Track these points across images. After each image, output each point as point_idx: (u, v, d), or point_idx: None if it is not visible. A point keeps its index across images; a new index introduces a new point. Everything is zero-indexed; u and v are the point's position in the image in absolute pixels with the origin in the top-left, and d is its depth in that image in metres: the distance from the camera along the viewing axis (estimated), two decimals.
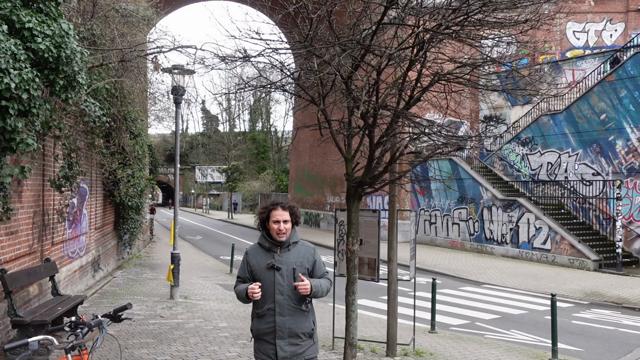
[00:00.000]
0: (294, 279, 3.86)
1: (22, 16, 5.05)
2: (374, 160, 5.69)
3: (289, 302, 3.88)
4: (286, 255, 3.95)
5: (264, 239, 4.02)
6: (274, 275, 3.88)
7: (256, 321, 3.97)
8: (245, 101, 70.11)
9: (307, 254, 4.01)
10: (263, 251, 4.00)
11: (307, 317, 3.97)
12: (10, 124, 5.23)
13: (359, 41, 4.87)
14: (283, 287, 3.87)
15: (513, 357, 8.16)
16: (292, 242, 4.00)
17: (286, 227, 3.95)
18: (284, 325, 3.86)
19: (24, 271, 7.46)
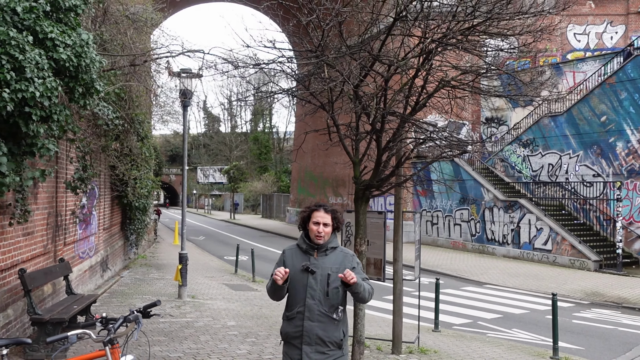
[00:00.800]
0: (327, 285, 3.75)
1: (45, 27, 5.28)
2: (381, 164, 5.91)
3: (320, 307, 3.76)
4: (322, 260, 3.83)
5: (302, 240, 3.93)
6: (307, 278, 3.79)
7: (285, 324, 3.89)
8: (247, 102, 70.30)
9: (345, 261, 3.86)
10: (300, 253, 3.90)
11: (337, 326, 3.82)
12: (32, 129, 5.45)
13: (369, 51, 5.09)
14: (315, 292, 3.76)
15: (515, 355, 8.38)
16: (330, 247, 3.87)
17: (325, 231, 3.84)
18: (312, 331, 3.75)
19: (41, 271, 7.69)
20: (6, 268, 6.84)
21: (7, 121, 5.20)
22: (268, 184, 59.47)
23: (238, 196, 63.21)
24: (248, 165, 69.04)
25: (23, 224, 6.88)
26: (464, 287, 15.86)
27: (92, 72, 5.81)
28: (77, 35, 5.68)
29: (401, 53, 5.63)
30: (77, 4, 5.69)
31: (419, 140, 6.14)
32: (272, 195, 54.47)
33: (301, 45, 5.60)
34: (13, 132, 5.47)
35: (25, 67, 4.86)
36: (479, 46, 5.46)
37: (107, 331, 3.65)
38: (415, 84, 6.00)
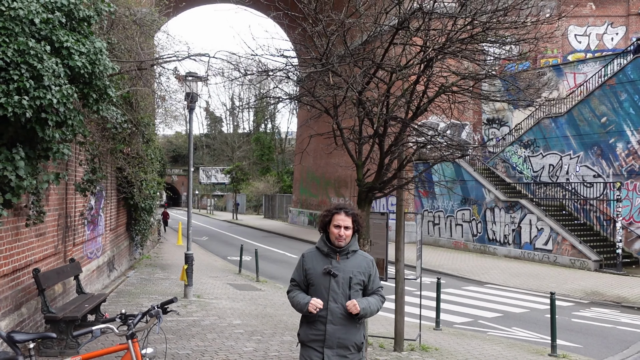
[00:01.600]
0: (349, 288, 3.78)
1: (61, 36, 5.49)
2: (383, 167, 6.12)
3: (342, 311, 3.76)
4: (344, 263, 3.84)
5: (322, 243, 3.92)
6: (330, 281, 3.79)
7: (305, 327, 3.86)
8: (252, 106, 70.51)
9: (364, 265, 3.88)
10: (321, 256, 3.90)
11: (358, 329, 3.84)
12: (48, 134, 5.67)
13: (372, 59, 5.30)
14: (337, 295, 3.77)
15: (514, 352, 8.58)
16: (351, 250, 3.89)
17: (346, 234, 3.84)
18: (334, 335, 3.75)
19: (54, 270, 7.91)
20: (20, 268, 7.06)
21: (24, 127, 5.42)
22: (270, 184, 59.70)
23: (240, 197, 63.45)
24: (250, 166, 69.29)
25: (37, 225, 7.09)
26: (465, 287, 16.06)
27: (105, 79, 6.03)
28: (90, 43, 5.90)
29: (403, 60, 5.84)
30: (90, 15, 5.91)
31: (419, 144, 6.35)
32: (274, 196, 54.68)
33: (306, 53, 5.82)
34: (29, 137, 5.69)
35: (44, 76, 5.08)
36: (479, 53, 5.66)
37: (127, 326, 3.87)
38: (417, 90, 6.21)
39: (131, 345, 3.80)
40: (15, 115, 5.00)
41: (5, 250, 6.51)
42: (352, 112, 6.57)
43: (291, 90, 7.72)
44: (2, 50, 4.82)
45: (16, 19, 4.94)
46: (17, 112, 4.97)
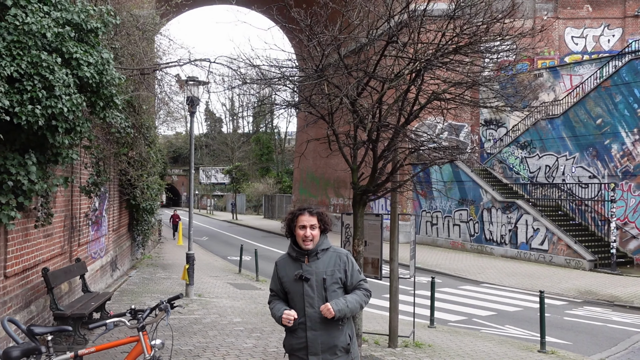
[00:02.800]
0: (324, 290, 3.65)
1: (70, 47, 5.79)
2: (377, 171, 6.43)
3: (321, 315, 3.61)
4: (315, 265, 3.69)
5: (291, 248, 3.80)
6: (303, 286, 3.66)
7: (288, 336, 3.76)
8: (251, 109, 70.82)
9: (338, 262, 3.74)
10: (291, 261, 3.77)
11: (341, 331, 3.69)
12: (58, 140, 5.98)
13: (365, 70, 5.61)
14: (313, 300, 3.64)
15: (505, 349, 8.89)
16: (320, 250, 3.74)
17: (313, 234, 3.69)
18: (317, 341, 3.62)
19: (62, 269, 8.22)
20: (30, 267, 7.37)
21: (35, 133, 5.72)
22: (270, 185, 60.01)
23: (240, 197, 63.74)
24: (250, 166, 69.59)
25: (45, 226, 7.40)
26: (461, 286, 16.35)
27: (111, 88, 6.33)
28: (97, 53, 6.21)
29: (395, 68, 6.14)
30: (98, 27, 6.21)
31: (411, 149, 6.65)
32: (274, 196, 54.98)
33: (304, 62, 6.12)
34: (40, 143, 6.00)
35: (55, 86, 5.38)
36: (466, 64, 5.97)
37: (137, 320, 4.18)
38: (408, 97, 6.51)
39: (142, 336, 4.12)
40: (29, 123, 5.30)
41: (16, 250, 6.82)
42: (348, 118, 6.87)
43: (290, 95, 8.02)
44: (17, 63, 5.13)
45: (29, 33, 5.24)
46: (31, 120, 5.28)
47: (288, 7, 5.55)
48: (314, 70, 5.72)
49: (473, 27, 5.46)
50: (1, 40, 5.09)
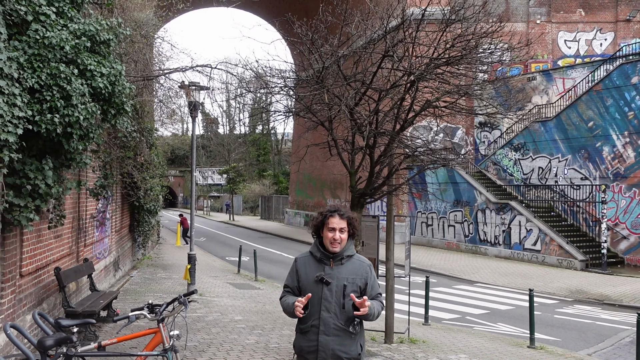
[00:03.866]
0: (343, 297, 3.57)
1: (85, 59, 6.14)
2: (374, 175, 6.80)
3: (336, 320, 3.56)
4: (338, 270, 3.63)
5: (316, 248, 3.71)
6: (322, 289, 3.58)
7: (299, 337, 3.69)
8: (247, 105, 71.13)
9: (361, 271, 3.67)
10: (314, 261, 3.69)
11: (354, 340, 3.62)
12: (73, 146, 6.32)
13: (362, 80, 5.98)
14: (330, 304, 3.56)
15: (496, 345, 9.28)
16: (346, 256, 3.67)
17: (342, 237, 3.63)
18: (328, 346, 3.54)
19: (72, 269, 8.56)
20: (42, 267, 7.71)
21: (52, 140, 6.06)
22: (266, 186, 60.32)
23: (237, 198, 63.99)
24: (247, 167, 69.86)
25: (56, 227, 7.74)
26: (455, 286, 16.75)
27: (122, 97, 6.68)
28: (109, 63, 6.56)
29: (391, 79, 6.52)
30: (110, 38, 6.56)
31: (406, 155, 7.02)
32: (270, 197, 55.31)
33: (305, 73, 6.48)
34: (55, 149, 6.33)
35: (72, 96, 5.73)
36: (457, 75, 6.35)
37: (155, 313, 4.54)
38: (404, 105, 6.89)
39: (161, 327, 4.48)
40: (48, 131, 5.64)
41: (30, 250, 7.16)
42: (346, 125, 7.24)
43: (290, 101, 8.39)
44: (37, 75, 5.47)
45: (49, 47, 5.58)
46: (49, 128, 5.62)
47: (291, 22, 5.90)
48: (315, 80, 6.09)
49: (463, 42, 5.84)
50: (23, 54, 5.44)
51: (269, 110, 7.54)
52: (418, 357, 7.98)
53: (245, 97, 12.61)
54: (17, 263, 6.70)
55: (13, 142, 4.94)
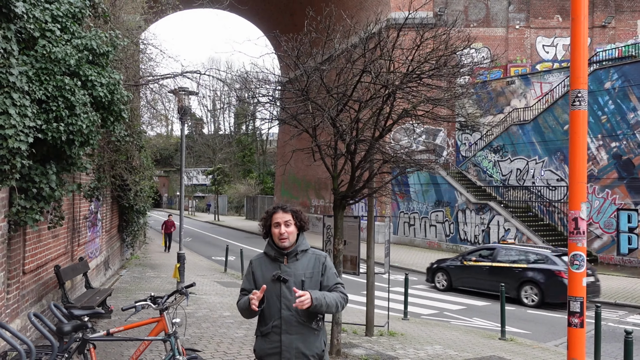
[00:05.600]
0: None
1: (86, 70, 6.60)
2: (355, 179, 7.35)
3: (297, 318, 3.48)
4: (294, 266, 3.57)
5: (269, 247, 3.66)
6: (280, 288, 3.51)
7: (260, 340, 3.60)
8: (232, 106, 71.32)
9: (317, 264, 3.63)
10: (269, 261, 3.63)
11: (317, 337, 3.56)
12: (74, 152, 6.78)
13: (344, 92, 6.52)
14: (290, 302, 3.46)
15: (469, 337, 9.89)
16: (300, 251, 3.62)
17: (288, 231, 3.57)
18: (291, 345, 3.47)
19: (69, 267, 8.99)
20: (41, 265, 8.14)
21: (55, 146, 6.52)
22: (251, 186, 60.67)
23: (222, 198, 64.26)
24: (232, 168, 70.12)
25: (57, 227, 8.17)
26: None
27: (120, 104, 7.16)
28: (108, 73, 7.02)
29: (371, 90, 7.08)
30: (109, 50, 7.02)
31: (384, 161, 7.58)
32: (256, 197, 55.69)
33: (291, 85, 7.01)
34: (58, 154, 6.79)
35: (75, 106, 6.19)
36: (430, 87, 6.94)
37: (157, 304, 5.04)
38: (383, 112, 7.45)
39: (166, 316, 4.98)
40: (53, 138, 6.10)
41: (32, 249, 7.60)
42: (329, 131, 7.78)
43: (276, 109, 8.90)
44: (45, 87, 5.93)
45: (55, 61, 6.05)
46: (55, 136, 6.08)
47: (278, 39, 6.41)
48: (300, 92, 6.62)
49: (435, 58, 6.41)
50: (31, 68, 5.90)
51: (255, 117, 8.04)
52: (396, 347, 8.55)
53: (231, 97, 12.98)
54: (20, 261, 7.14)
55: (24, 150, 5.40)
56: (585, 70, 3.91)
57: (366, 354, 7.96)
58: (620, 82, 21.09)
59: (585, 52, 3.87)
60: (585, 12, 3.84)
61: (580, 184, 3.96)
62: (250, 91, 6.68)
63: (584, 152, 4.01)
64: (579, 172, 3.97)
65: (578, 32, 3.67)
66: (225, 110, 76.11)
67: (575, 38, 3.82)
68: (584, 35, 3.84)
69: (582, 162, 3.97)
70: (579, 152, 3.97)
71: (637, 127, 20.58)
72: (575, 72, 3.96)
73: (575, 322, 3.91)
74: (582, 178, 3.97)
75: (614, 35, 30.80)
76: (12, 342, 4.12)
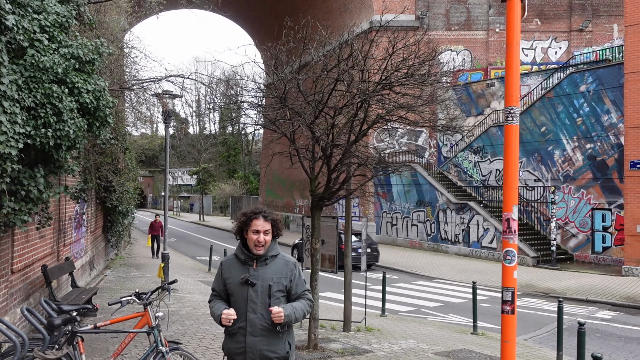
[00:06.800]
0: (269, 297, 3.63)
1: (73, 77, 6.89)
2: (331, 181, 7.73)
3: (262, 321, 3.60)
4: (262, 270, 3.67)
5: (240, 250, 3.74)
6: (248, 291, 3.62)
7: (227, 339, 3.74)
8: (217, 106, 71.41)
9: (285, 270, 3.73)
10: (238, 263, 3.73)
11: (281, 339, 3.67)
12: (61, 156, 7.08)
13: (320, 100, 6.90)
14: (256, 305, 3.60)
15: (443, 332, 10.33)
16: (270, 256, 3.71)
17: (266, 239, 3.66)
18: (255, 347, 3.59)
19: (56, 267, 9.26)
20: (29, 264, 8.41)
21: (43, 151, 6.81)
22: (237, 186, 60.87)
23: (207, 198, 64.36)
24: (217, 168, 70.23)
25: (45, 228, 8.44)
26: (415, 282, 17.83)
27: (106, 110, 7.46)
28: (93, 80, 7.32)
29: (346, 97, 7.47)
30: (95, 58, 7.31)
31: (358, 164, 7.98)
32: (241, 197, 55.90)
33: (271, 92, 7.39)
34: (45, 158, 7.08)
35: (63, 112, 6.48)
36: (401, 94, 7.35)
37: (141, 299, 5.38)
38: (359, 116, 7.84)
39: (149, 310, 5.32)
40: (42, 144, 6.39)
41: (20, 249, 7.87)
42: (308, 135, 8.15)
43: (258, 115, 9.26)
44: (34, 95, 6.22)
45: (43, 70, 6.34)
46: (43, 141, 6.37)
47: (258, 47, 6.75)
48: (278, 99, 6.99)
49: (405, 69, 6.82)
50: (20, 76, 6.18)
51: (238, 122, 8.39)
52: (372, 342, 8.95)
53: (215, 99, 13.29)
54: (9, 261, 7.41)
55: (14, 155, 5.69)
56: (517, 89, 4.31)
57: (342, 348, 8.35)
58: (594, 86, 21.73)
59: (517, 75, 4.26)
60: (517, 41, 4.23)
61: (512, 189, 4.35)
62: (233, 97, 7.02)
63: (515, 162, 4.40)
64: (512, 179, 4.36)
65: (511, 57, 4.08)
66: (210, 111, 76.16)
67: (509, 62, 4.23)
68: (516, 60, 4.23)
69: (514, 170, 4.36)
70: (512, 162, 4.36)
71: (611, 129, 21.23)
72: (509, 91, 4.35)
73: (507, 309, 4.31)
74: (514, 184, 4.35)
75: (591, 39, 31.57)
76: (9, 333, 4.45)
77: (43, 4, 6.84)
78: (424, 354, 8.34)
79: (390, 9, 29.70)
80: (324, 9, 34.11)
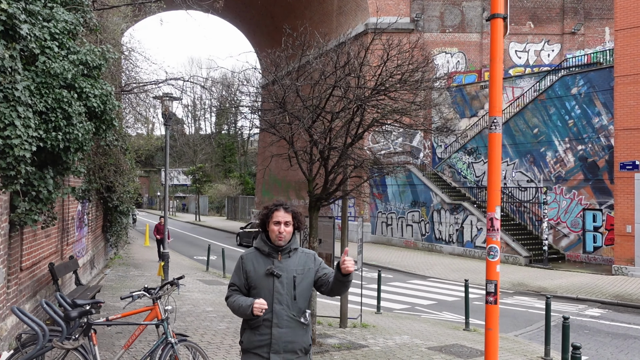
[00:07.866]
0: (294, 288, 3.67)
1: (81, 82, 7.19)
2: (328, 183, 8.05)
3: (288, 312, 3.64)
4: (286, 262, 3.73)
5: (262, 243, 3.79)
6: (273, 282, 3.66)
7: (249, 333, 3.71)
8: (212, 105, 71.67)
9: (308, 261, 3.80)
10: (261, 256, 3.77)
11: (305, 331, 3.71)
12: (70, 158, 7.37)
13: (317, 105, 7.22)
14: (282, 296, 3.64)
15: (436, 328, 10.66)
16: (292, 248, 3.78)
17: (287, 230, 3.72)
18: (281, 339, 3.61)
19: (61, 265, 9.54)
20: (36, 262, 8.69)
21: (53, 153, 7.11)
22: (232, 186, 61.11)
23: (203, 198, 64.57)
24: (212, 168, 70.48)
25: (50, 227, 8.73)
26: (410, 281, 18.17)
27: (112, 113, 7.76)
28: (100, 85, 7.62)
29: (343, 101, 7.80)
30: (101, 64, 7.61)
31: (354, 166, 8.31)
32: (237, 198, 56.16)
33: (270, 97, 7.70)
34: (54, 160, 7.38)
35: (72, 116, 6.78)
36: (395, 99, 7.69)
37: (150, 294, 5.69)
38: (354, 120, 8.17)
39: (159, 304, 5.63)
40: (52, 146, 6.69)
41: (28, 248, 8.16)
42: (306, 137, 8.47)
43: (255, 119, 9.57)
44: (45, 100, 6.52)
45: (54, 75, 6.64)
46: (54, 144, 6.67)
47: (257, 54, 7.05)
48: (277, 103, 7.31)
49: (399, 75, 7.14)
50: (32, 82, 6.48)
51: (235, 125, 8.70)
52: (367, 337, 9.27)
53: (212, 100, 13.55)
54: (18, 259, 7.70)
55: (28, 158, 5.99)
56: (500, 101, 4.63)
57: (339, 343, 8.67)
58: (586, 88, 22.14)
59: (500, 88, 4.57)
60: (500, 56, 4.56)
61: (495, 192, 4.67)
62: (232, 100, 7.33)
63: (498, 167, 4.71)
64: (495, 182, 4.67)
65: (495, 70, 4.40)
66: (206, 111, 76.42)
67: (493, 75, 4.55)
68: (499, 74, 4.55)
69: (497, 174, 4.67)
70: (495, 167, 4.67)
71: (602, 131, 21.65)
72: (492, 102, 4.67)
73: (490, 300, 4.63)
74: (497, 186, 4.67)
75: (584, 42, 32.00)
76: (32, 325, 4.77)
77: (52, 12, 7.14)
78: (418, 349, 8.67)
79: (385, 12, 30.09)
80: (320, 11, 34.44)
